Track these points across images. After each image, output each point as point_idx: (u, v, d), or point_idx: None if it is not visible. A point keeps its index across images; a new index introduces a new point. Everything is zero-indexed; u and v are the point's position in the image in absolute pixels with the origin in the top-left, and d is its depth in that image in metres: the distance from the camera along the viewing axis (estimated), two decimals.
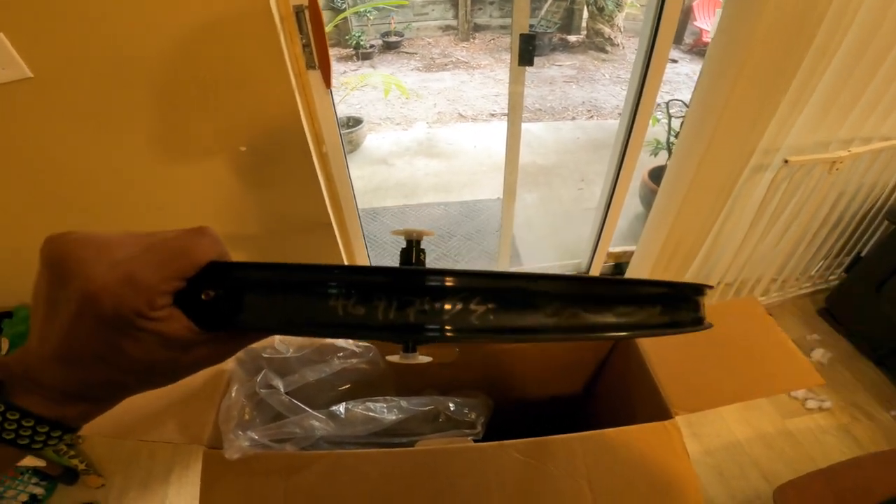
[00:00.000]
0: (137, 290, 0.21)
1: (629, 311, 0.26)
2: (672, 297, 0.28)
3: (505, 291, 0.23)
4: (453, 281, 0.23)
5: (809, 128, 1.32)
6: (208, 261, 0.23)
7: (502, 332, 0.23)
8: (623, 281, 0.26)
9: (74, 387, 0.23)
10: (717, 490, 1.28)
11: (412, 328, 0.22)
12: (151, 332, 0.21)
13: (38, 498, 1.18)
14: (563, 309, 0.24)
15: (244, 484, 0.49)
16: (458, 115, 3.74)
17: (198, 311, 0.23)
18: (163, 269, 0.22)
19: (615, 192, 1.51)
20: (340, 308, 0.22)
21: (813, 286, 1.86)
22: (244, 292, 0.23)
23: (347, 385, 0.57)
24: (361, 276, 0.23)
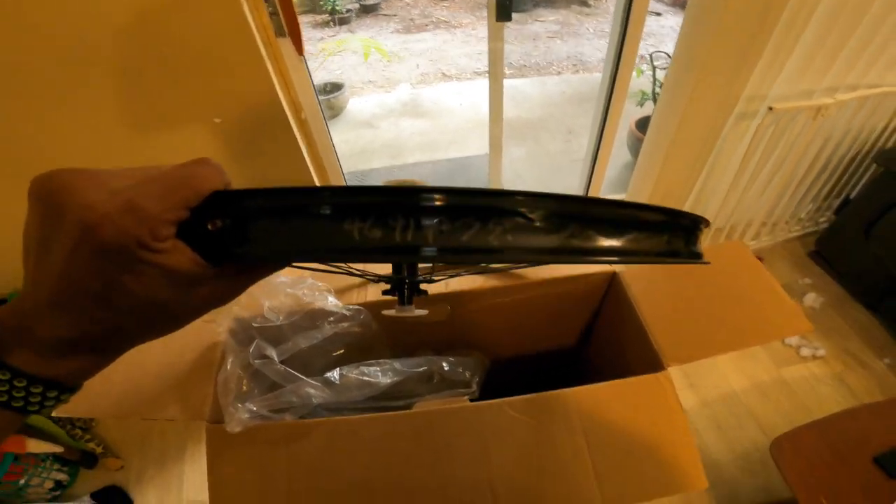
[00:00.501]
0: (140, 219, 0.19)
1: (631, 236, 0.25)
2: (671, 225, 0.28)
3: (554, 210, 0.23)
4: (468, 199, 0.22)
5: (794, 76, 1.32)
6: (213, 190, 0.22)
7: (520, 251, 0.23)
8: (624, 204, 0.25)
9: (72, 335, 0.21)
10: (717, 443, 1.31)
11: (430, 248, 0.21)
12: (155, 266, 0.20)
13: (63, 484, 1.21)
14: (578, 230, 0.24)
15: (248, 455, 0.50)
16: (441, 75, 3.64)
17: (204, 244, 0.21)
18: (166, 197, 0.20)
19: (601, 143, 1.52)
20: (356, 232, 0.21)
21: (803, 229, 1.88)
22: (253, 221, 0.22)
23: (341, 350, 0.57)
24: (379, 197, 0.22)
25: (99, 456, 1.26)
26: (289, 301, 0.57)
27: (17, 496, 1.11)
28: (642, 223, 0.26)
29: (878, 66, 1.38)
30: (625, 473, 0.50)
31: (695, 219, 0.29)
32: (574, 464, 0.50)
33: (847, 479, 0.85)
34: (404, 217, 0.21)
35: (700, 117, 1.32)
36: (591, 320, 0.78)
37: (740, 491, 1.21)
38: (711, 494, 1.20)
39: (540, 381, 0.65)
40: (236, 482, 0.49)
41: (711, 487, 1.21)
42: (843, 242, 1.69)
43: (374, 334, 0.58)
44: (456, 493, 0.48)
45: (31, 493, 1.13)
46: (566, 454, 0.50)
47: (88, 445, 1.24)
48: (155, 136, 0.96)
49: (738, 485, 1.22)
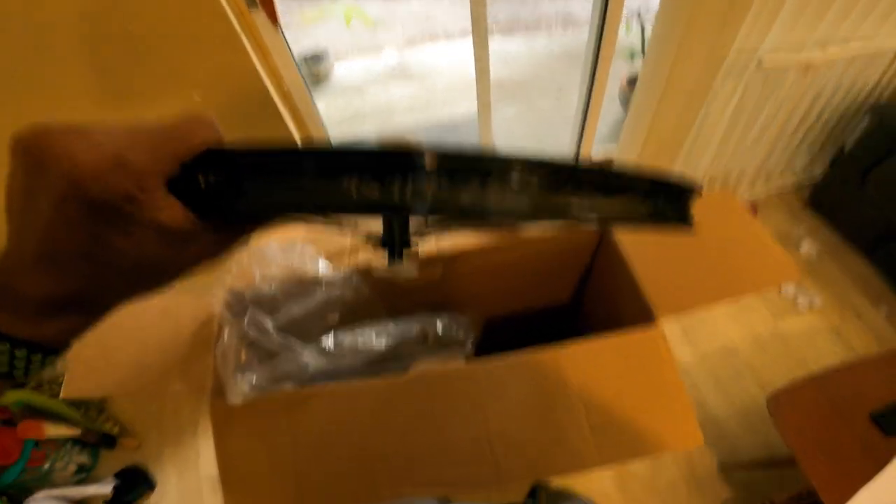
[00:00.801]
0: (128, 172, 0.18)
1: (616, 201, 0.26)
2: (659, 192, 0.28)
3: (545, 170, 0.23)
4: (463, 161, 0.22)
5: (785, 30, 1.29)
6: (206, 145, 0.21)
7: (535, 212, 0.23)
8: (613, 171, 0.26)
9: (58, 291, 0.20)
10: (716, 399, 1.32)
11: (430, 205, 0.22)
12: (145, 222, 0.19)
13: (86, 466, 1.24)
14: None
15: (252, 427, 0.52)
16: (428, 37, 3.54)
17: (195, 200, 0.21)
18: (157, 150, 0.20)
19: (591, 100, 1.50)
20: (354, 189, 0.21)
21: (798, 179, 1.86)
22: (246, 177, 0.22)
23: (335, 315, 0.58)
24: (377, 156, 0.21)
25: (116, 436, 1.29)
26: (281, 269, 0.58)
27: (45, 481, 1.15)
28: (631, 188, 0.27)
29: (871, 17, 1.34)
30: (619, 429, 0.51)
31: (687, 185, 0.30)
32: (569, 420, 0.51)
33: (844, 435, 0.85)
34: (402, 175, 0.21)
35: (688, 71, 1.30)
36: (584, 276, 0.79)
37: (740, 447, 1.23)
38: (713, 451, 1.23)
39: (535, 338, 0.66)
40: (244, 454, 0.51)
41: (712, 444, 1.24)
42: (838, 192, 1.69)
43: (367, 299, 0.59)
44: (455, 453, 0.50)
45: (57, 477, 1.17)
46: (561, 410, 0.51)
47: (105, 426, 1.27)
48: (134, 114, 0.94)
49: (739, 441, 1.24)
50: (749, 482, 1.18)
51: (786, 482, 1.13)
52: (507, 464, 0.50)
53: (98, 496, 1.19)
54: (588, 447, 0.50)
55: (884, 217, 1.49)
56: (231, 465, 0.51)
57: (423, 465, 0.50)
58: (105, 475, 1.24)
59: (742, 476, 1.19)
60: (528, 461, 0.50)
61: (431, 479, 0.49)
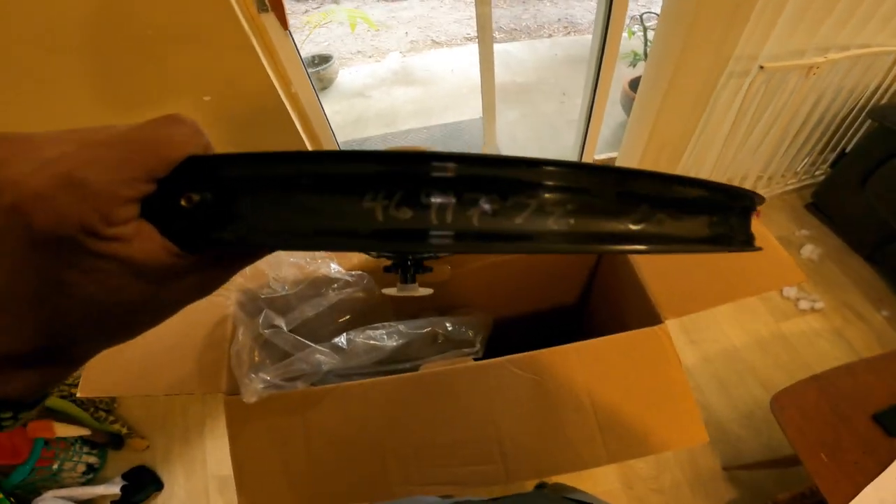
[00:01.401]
0: (83, 197, 0.14)
1: (703, 219, 0.22)
2: (730, 207, 0.24)
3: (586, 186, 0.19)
4: (529, 172, 0.17)
5: (785, 36, 1.31)
6: (187, 155, 0.16)
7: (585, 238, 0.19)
8: (694, 181, 0.21)
9: (15, 346, 0.16)
10: (719, 401, 1.33)
11: (474, 236, 0.17)
12: (111, 258, 0.15)
13: (94, 467, 1.25)
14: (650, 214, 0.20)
15: (266, 425, 0.52)
16: (431, 42, 3.56)
17: (177, 225, 0.16)
18: (122, 167, 0.15)
19: (594, 104, 1.52)
20: (379, 210, 0.16)
21: (799, 182, 1.87)
22: (242, 194, 0.17)
23: (347, 316, 0.59)
24: (412, 166, 0.16)
25: (124, 437, 1.30)
26: (293, 270, 0.59)
27: (53, 481, 1.15)
28: (715, 203, 0.23)
29: (869, 26, 1.37)
30: (627, 428, 0.51)
31: (751, 196, 0.25)
32: (577, 418, 0.51)
33: (847, 436, 0.86)
34: (442, 192, 0.16)
35: (692, 76, 1.32)
36: (590, 277, 0.80)
37: (743, 448, 1.24)
38: (716, 452, 1.23)
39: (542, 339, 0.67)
40: (258, 451, 0.52)
41: (715, 446, 1.24)
42: (839, 194, 1.69)
43: (378, 299, 0.60)
44: (465, 450, 0.51)
45: (66, 478, 1.17)
46: (570, 409, 0.52)
47: (113, 427, 1.28)
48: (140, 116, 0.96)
49: (742, 442, 1.25)
50: (752, 482, 1.18)
51: (789, 482, 1.14)
52: (516, 463, 0.50)
53: (106, 496, 1.19)
54: (596, 445, 0.51)
55: (885, 219, 1.50)
56: (245, 463, 0.52)
57: (434, 465, 0.50)
58: (113, 475, 1.24)
59: (745, 476, 1.19)
60: (537, 460, 0.51)
61: (442, 478, 0.50)
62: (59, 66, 0.84)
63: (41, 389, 0.18)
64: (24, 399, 0.17)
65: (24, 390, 0.17)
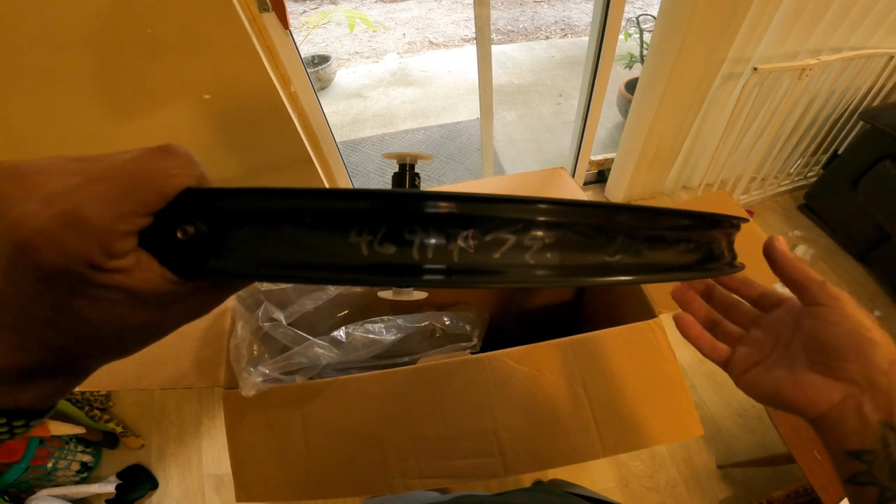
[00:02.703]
0: (86, 233, 0.15)
1: (681, 248, 0.24)
2: (713, 236, 0.25)
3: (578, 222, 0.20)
4: (504, 209, 0.18)
5: (778, 39, 1.34)
6: (182, 188, 0.17)
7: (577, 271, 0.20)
8: (663, 211, 0.22)
9: (27, 362, 0.17)
10: (713, 398, 1.34)
11: (459, 271, 0.18)
12: (114, 288, 0.16)
13: (88, 465, 1.24)
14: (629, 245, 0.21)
15: (265, 418, 0.52)
16: (429, 43, 3.57)
17: (173, 254, 0.18)
18: (120, 202, 0.16)
19: (591, 106, 1.53)
20: (364, 246, 0.17)
21: (792, 183, 1.89)
22: (235, 227, 0.18)
23: (346, 310, 0.59)
24: (393, 204, 0.18)
25: (119, 435, 1.29)
26: None
27: (48, 480, 1.15)
28: (694, 231, 0.24)
29: (861, 29, 1.39)
30: (623, 421, 0.51)
31: (738, 221, 0.27)
32: (574, 412, 0.52)
33: None
34: (423, 229, 0.18)
35: (686, 78, 1.34)
36: None
37: (738, 446, 1.25)
38: (711, 451, 1.24)
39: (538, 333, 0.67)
40: (256, 445, 0.52)
41: (710, 444, 1.25)
42: (831, 196, 1.71)
43: (376, 295, 0.60)
44: (463, 443, 0.51)
45: (60, 476, 1.17)
46: (566, 402, 0.52)
47: (108, 426, 1.27)
48: (141, 117, 0.96)
49: (736, 440, 1.26)
50: (746, 480, 1.19)
51: (783, 480, 1.15)
52: (514, 456, 0.51)
53: (101, 495, 1.19)
54: (592, 438, 0.51)
55: (876, 221, 1.52)
56: (243, 457, 0.52)
57: (432, 457, 0.51)
58: (107, 474, 1.24)
59: (739, 474, 1.20)
60: (534, 453, 0.51)
61: (440, 471, 0.50)
62: (59, 64, 0.84)
63: (51, 399, 0.20)
64: (35, 408, 0.19)
65: (36, 400, 0.19)
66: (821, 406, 0.27)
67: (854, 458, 0.26)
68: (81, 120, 0.93)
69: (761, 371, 0.32)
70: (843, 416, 0.27)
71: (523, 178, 0.82)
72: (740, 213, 0.67)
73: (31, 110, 0.88)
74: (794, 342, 0.31)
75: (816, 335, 0.29)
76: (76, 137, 0.95)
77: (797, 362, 0.30)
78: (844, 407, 0.27)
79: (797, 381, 0.29)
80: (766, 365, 0.32)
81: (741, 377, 0.33)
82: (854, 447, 0.26)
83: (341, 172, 1.41)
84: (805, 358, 0.29)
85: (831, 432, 0.27)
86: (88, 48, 0.83)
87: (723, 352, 0.35)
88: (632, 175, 1.69)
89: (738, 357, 0.34)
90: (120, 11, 0.80)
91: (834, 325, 0.28)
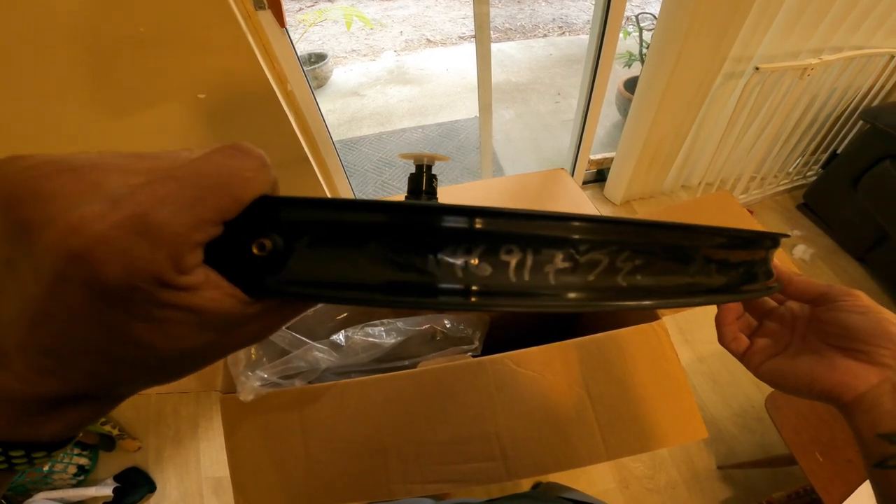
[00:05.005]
0: (158, 243, 0.13)
1: (736, 271, 0.23)
2: (747, 257, 0.25)
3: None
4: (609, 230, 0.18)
5: (780, 38, 1.34)
6: (258, 194, 0.15)
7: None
8: (724, 231, 0.22)
9: (61, 391, 0.15)
10: (713, 399, 1.34)
11: (547, 295, 0.18)
12: (181, 309, 0.14)
13: (85, 468, 1.23)
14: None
15: (263, 423, 0.52)
16: (426, 41, 3.56)
17: (244, 271, 0.15)
18: (195, 207, 0.13)
19: (590, 104, 1.52)
20: (459, 267, 0.16)
21: (791, 182, 1.89)
22: (317, 243, 0.16)
23: (345, 313, 0.58)
24: (491, 221, 0.16)
25: (116, 438, 1.28)
26: None
27: (44, 483, 1.14)
28: (717, 252, 0.23)
29: (863, 28, 1.39)
30: (626, 424, 0.51)
31: (773, 238, 0.27)
32: (577, 415, 0.51)
33: (842, 434, 0.86)
34: (521, 250, 0.17)
35: (688, 77, 1.33)
36: None
37: (738, 447, 1.25)
38: (711, 452, 1.24)
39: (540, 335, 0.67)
40: (255, 450, 0.51)
41: (710, 445, 1.25)
42: (830, 195, 1.71)
43: None
44: (465, 448, 0.50)
45: (57, 480, 1.16)
46: (569, 406, 0.52)
47: (104, 428, 1.26)
48: (135, 117, 0.95)
49: (736, 442, 1.25)
50: (747, 481, 1.19)
51: (783, 481, 1.15)
52: (516, 460, 0.50)
53: (98, 498, 1.18)
54: (595, 442, 0.50)
55: (875, 221, 1.51)
56: (241, 462, 0.51)
57: (434, 462, 0.50)
58: (104, 477, 1.23)
59: (740, 475, 1.20)
60: (537, 457, 0.50)
61: (442, 476, 0.50)
62: (48, 63, 0.82)
63: (75, 430, 0.17)
64: (57, 440, 0.17)
65: (63, 429, 0.16)
66: (858, 388, 0.28)
67: (886, 441, 0.27)
68: (72, 120, 0.92)
69: (785, 360, 0.32)
70: (878, 398, 0.28)
71: (524, 179, 0.82)
72: (743, 213, 0.67)
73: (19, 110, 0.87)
74: (810, 333, 0.32)
75: (844, 324, 0.30)
76: (67, 138, 0.94)
77: (822, 350, 0.31)
78: (881, 389, 0.28)
79: (833, 366, 0.29)
80: (789, 354, 0.33)
81: (762, 367, 0.33)
82: (887, 430, 0.27)
83: (338, 172, 1.40)
84: (829, 346, 0.31)
85: (865, 415, 0.28)
86: (77, 47, 0.81)
87: (742, 342, 0.35)
88: (631, 174, 1.69)
89: (758, 348, 0.34)
90: (110, 8, 0.78)
91: (860, 314, 0.29)
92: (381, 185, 2.16)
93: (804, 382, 0.31)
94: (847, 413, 0.29)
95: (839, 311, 0.30)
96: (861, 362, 0.29)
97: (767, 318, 0.36)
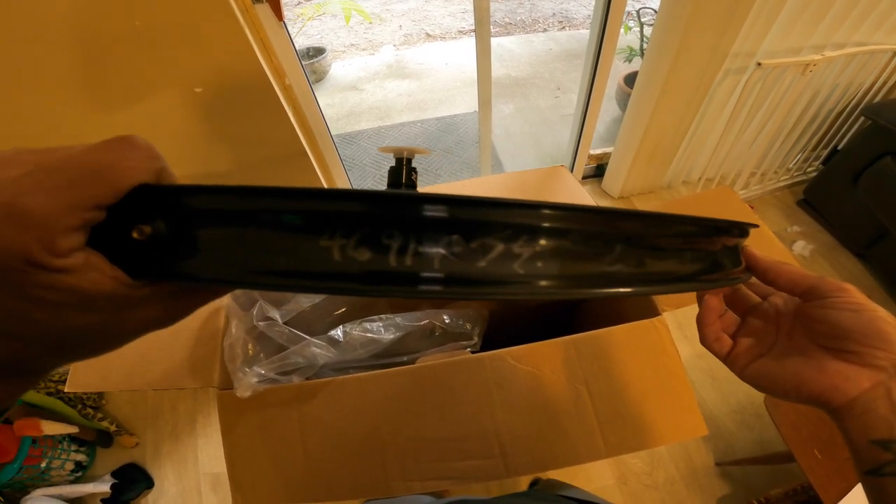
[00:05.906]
0: (26, 225, 0.14)
1: (686, 257, 0.23)
2: (720, 243, 0.25)
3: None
4: (489, 212, 0.17)
5: (782, 34, 1.33)
6: (138, 182, 0.16)
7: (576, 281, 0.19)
8: (668, 217, 0.21)
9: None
10: (712, 395, 1.34)
11: (435, 276, 0.17)
12: (59, 290, 0.15)
13: (82, 465, 1.23)
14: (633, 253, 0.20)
15: (260, 419, 0.51)
16: (425, 35, 3.54)
17: (128, 255, 0.16)
18: (66, 192, 0.14)
19: (591, 99, 1.52)
20: (336, 250, 0.16)
21: (791, 178, 1.89)
22: (196, 227, 0.16)
23: (343, 308, 0.58)
24: (368, 205, 0.16)
25: (113, 434, 1.28)
26: None
27: (42, 480, 1.13)
28: (690, 238, 0.23)
29: (865, 24, 1.38)
30: (626, 421, 0.51)
31: (745, 228, 0.27)
32: (577, 411, 0.51)
33: (841, 432, 0.87)
34: (402, 233, 0.16)
35: (688, 72, 1.33)
36: None
37: (736, 444, 1.25)
38: (709, 449, 1.24)
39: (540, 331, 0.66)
40: (252, 447, 0.51)
41: (708, 442, 1.25)
42: (831, 191, 1.71)
43: None
44: (464, 444, 0.50)
45: (54, 476, 1.16)
46: (569, 402, 0.51)
47: (102, 424, 1.26)
48: (130, 111, 0.94)
49: (735, 438, 1.26)
50: (745, 478, 1.19)
51: (781, 478, 1.15)
52: (515, 457, 0.50)
53: (96, 494, 1.18)
54: (595, 439, 0.50)
55: (875, 217, 1.51)
56: (238, 459, 0.51)
57: (433, 459, 0.50)
58: (102, 473, 1.23)
59: (738, 472, 1.20)
60: (536, 454, 0.50)
61: (441, 473, 0.49)
62: (42, 57, 0.81)
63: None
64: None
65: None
66: (849, 393, 0.26)
67: (879, 448, 0.25)
68: (67, 115, 0.91)
69: (771, 362, 0.30)
70: (871, 404, 0.26)
71: (523, 176, 0.81)
72: (744, 209, 0.66)
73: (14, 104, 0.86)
74: (797, 331, 0.30)
75: (835, 323, 0.27)
76: (62, 133, 0.93)
77: (810, 351, 0.29)
78: (874, 394, 0.26)
79: (822, 369, 0.27)
80: (775, 355, 0.30)
81: (747, 369, 0.31)
82: (881, 436, 0.25)
83: (337, 166, 1.40)
84: (817, 346, 0.28)
85: (857, 421, 0.26)
86: (72, 40, 0.80)
87: (726, 343, 0.33)
88: (630, 169, 1.68)
89: (742, 349, 0.32)
90: (107, 3, 0.77)
91: (852, 312, 0.27)
92: (380, 179, 2.15)
93: (791, 386, 0.29)
94: (837, 418, 0.27)
95: (829, 309, 0.28)
96: (852, 364, 0.27)
97: (751, 314, 0.34)
